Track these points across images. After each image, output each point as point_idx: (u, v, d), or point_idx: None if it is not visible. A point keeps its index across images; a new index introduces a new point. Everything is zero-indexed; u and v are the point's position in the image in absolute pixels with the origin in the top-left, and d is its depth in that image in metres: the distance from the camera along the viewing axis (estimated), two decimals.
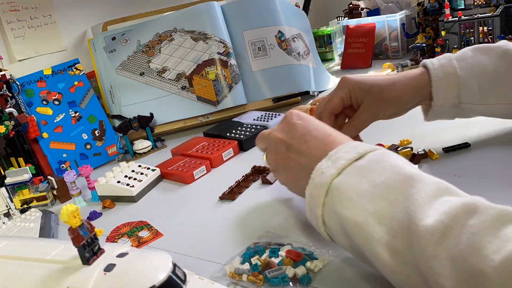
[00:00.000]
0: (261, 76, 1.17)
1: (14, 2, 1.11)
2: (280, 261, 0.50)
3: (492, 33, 1.21)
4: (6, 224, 0.76)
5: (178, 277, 0.38)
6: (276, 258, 0.51)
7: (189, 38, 1.15)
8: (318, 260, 0.50)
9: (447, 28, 1.25)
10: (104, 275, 0.37)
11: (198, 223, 0.67)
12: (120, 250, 0.40)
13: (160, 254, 0.39)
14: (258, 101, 1.16)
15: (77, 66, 1.06)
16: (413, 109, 0.69)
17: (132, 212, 0.77)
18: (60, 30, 1.22)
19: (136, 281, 0.36)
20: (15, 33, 1.12)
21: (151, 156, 1.03)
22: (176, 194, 0.80)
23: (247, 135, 0.95)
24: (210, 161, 0.88)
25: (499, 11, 1.20)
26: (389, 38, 1.46)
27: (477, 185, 0.59)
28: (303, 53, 1.24)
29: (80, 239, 0.38)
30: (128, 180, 0.83)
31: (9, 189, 0.83)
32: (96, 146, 1.04)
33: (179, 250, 0.60)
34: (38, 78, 1.01)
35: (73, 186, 0.83)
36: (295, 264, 0.50)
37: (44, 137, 0.98)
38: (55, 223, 0.76)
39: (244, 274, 0.49)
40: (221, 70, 1.13)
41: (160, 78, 1.14)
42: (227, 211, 0.69)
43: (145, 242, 0.65)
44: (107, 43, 1.17)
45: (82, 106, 1.04)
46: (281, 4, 1.23)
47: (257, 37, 1.18)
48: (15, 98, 0.96)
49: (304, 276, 0.48)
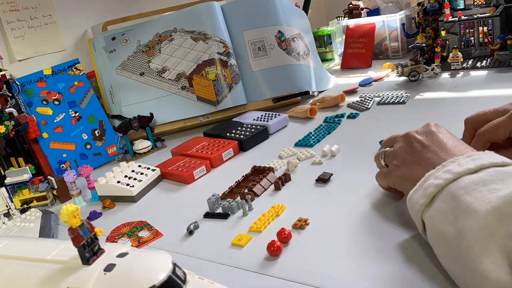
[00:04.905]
0: (261, 76, 1.17)
1: (14, 2, 1.11)
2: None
3: (492, 33, 1.21)
4: (6, 224, 0.76)
5: (178, 277, 0.38)
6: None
7: (189, 38, 1.15)
8: None
9: (447, 28, 1.25)
10: (104, 275, 0.37)
11: (198, 223, 0.67)
12: (120, 250, 0.40)
13: (160, 254, 0.39)
14: (258, 101, 1.16)
15: (77, 66, 1.06)
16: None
17: (132, 212, 0.77)
18: (60, 30, 1.22)
19: (136, 281, 0.36)
20: (15, 33, 1.12)
21: (151, 156, 1.03)
22: (176, 194, 0.81)
23: (247, 135, 0.95)
24: (210, 161, 0.88)
25: (499, 11, 1.20)
26: (389, 38, 1.47)
27: None
28: (303, 53, 1.24)
29: (80, 239, 0.38)
30: (128, 180, 0.83)
31: (9, 189, 0.83)
32: (96, 146, 1.04)
33: (179, 250, 0.60)
34: (38, 78, 1.01)
35: (73, 186, 0.83)
36: None
37: (44, 137, 0.98)
38: (55, 223, 0.76)
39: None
40: (221, 70, 1.13)
41: (160, 78, 1.14)
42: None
43: (145, 242, 0.65)
44: (107, 43, 1.17)
45: (82, 106, 1.04)
46: (281, 4, 1.23)
47: (257, 37, 1.18)
48: (15, 98, 0.96)
49: None
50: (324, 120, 1.01)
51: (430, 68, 1.16)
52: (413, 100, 1.03)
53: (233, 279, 0.52)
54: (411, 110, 0.97)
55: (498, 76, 1.07)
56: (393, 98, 1.05)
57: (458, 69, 1.17)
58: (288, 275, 0.50)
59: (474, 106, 0.63)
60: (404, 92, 1.08)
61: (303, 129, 0.99)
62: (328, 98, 1.10)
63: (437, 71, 1.16)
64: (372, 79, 1.25)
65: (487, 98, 0.94)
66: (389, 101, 1.04)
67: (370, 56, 1.44)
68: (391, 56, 1.48)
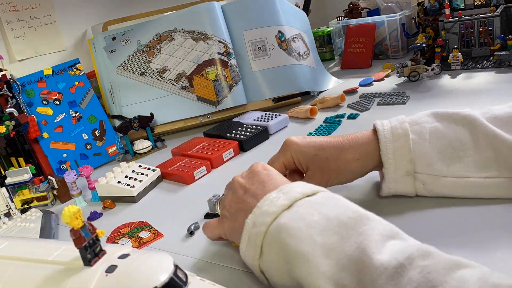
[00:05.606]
0: (261, 76, 1.17)
1: (14, 2, 1.11)
2: None
3: (492, 33, 1.21)
4: (7, 224, 0.76)
5: (179, 278, 0.38)
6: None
7: (189, 38, 1.15)
8: None
9: (447, 28, 1.25)
10: (105, 277, 0.37)
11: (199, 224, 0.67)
12: (122, 251, 0.40)
13: (161, 256, 0.39)
14: (258, 101, 1.16)
15: (77, 66, 1.06)
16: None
17: (133, 212, 0.77)
18: (60, 30, 1.22)
19: (137, 283, 0.36)
20: (15, 33, 1.12)
21: (151, 156, 1.03)
22: (176, 194, 0.81)
23: (247, 135, 0.95)
24: (210, 162, 0.88)
25: (499, 11, 1.20)
26: (389, 38, 1.47)
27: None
28: (303, 53, 1.24)
29: (82, 240, 0.38)
30: (128, 180, 0.83)
31: (9, 189, 0.83)
32: (96, 146, 1.04)
33: (179, 251, 0.60)
34: (38, 78, 1.01)
35: (73, 186, 0.83)
36: None
37: (44, 137, 0.98)
38: (56, 223, 0.76)
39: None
40: (221, 70, 1.13)
41: (160, 78, 1.14)
42: None
43: (145, 242, 0.65)
44: (107, 43, 1.17)
45: (83, 106, 1.04)
46: (281, 4, 1.23)
47: (257, 37, 1.18)
48: (16, 98, 0.96)
49: None
50: (324, 121, 1.01)
51: (430, 68, 1.16)
52: (413, 101, 1.03)
53: (234, 280, 0.52)
54: (411, 110, 0.97)
55: (498, 76, 1.07)
56: (393, 99, 1.05)
57: (458, 69, 1.17)
58: None
59: (474, 106, 0.63)
60: (405, 93, 1.08)
61: (303, 130, 0.99)
62: (328, 98, 1.10)
63: (437, 71, 1.16)
64: (372, 79, 1.25)
65: (487, 98, 0.94)
66: (389, 102, 1.04)
67: (370, 56, 1.44)
68: (391, 56, 1.48)
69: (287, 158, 0.61)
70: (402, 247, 0.37)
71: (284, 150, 0.62)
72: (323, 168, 0.59)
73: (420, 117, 0.60)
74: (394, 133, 0.58)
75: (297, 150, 0.60)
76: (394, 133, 0.58)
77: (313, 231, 0.41)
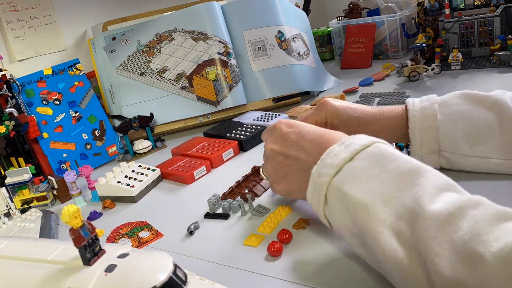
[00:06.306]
0: (261, 76, 1.17)
1: (14, 2, 1.11)
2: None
3: (492, 33, 1.21)
4: (7, 224, 0.76)
5: (179, 277, 0.38)
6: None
7: (189, 38, 1.15)
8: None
9: (447, 28, 1.25)
10: (105, 276, 0.37)
11: (198, 224, 0.67)
12: (121, 250, 0.40)
13: (161, 255, 0.39)
14: (258, 101, 1.16)
15: (77, 66, 1.06)
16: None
17: (132, 212, 0.77)
18: (60, 30, 1.22)
19: (137, 282, 0.36)
20: (15, 33, 1.12)
21: (151, 156, 1.03)
22: (176, 194, 0.81)
23: (247, 135, 0.95)
24: (210, 161, 0.88)
25: (499, 11, 1.20)
26: (389, 38, 1.47)
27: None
28: (303, 53, 1.24)
29: (81, 239, 0.38)
30: (128, 180, 0.83)
31: (9, 189, 0.83)
32: (96, 146, 1.04)
33: (179, 251, 0.60)
34: (38, 78, 1.01)
35: (73, 186, 0.83)
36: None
37: (44, 137, 0.98)
38: (56, 223, 0.76)
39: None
40: (221, 70, 1.13)
41: (160, 78, 1.14)
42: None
43: (145, 242, 0.65)
44: (107, 43, 1.17)
45: (82, 106, 1.04)
46: (281, 4, 1.23)
47: (257, 37, 1.18)
48: (16, 98, 0.96)
49: None
50: None
51: (430, 68, 1.16)
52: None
53: (233, 279, 0.52)
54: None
55: (498, 76, 1.07)
56: (393, 99, 1.05)
57: (458, 69, 1.17)
58: (288, 276, 0.50)
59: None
60: (405, 93, 1.08)
61: None
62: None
63: (437, 71, 1.16)
64: (372, 79, 1.25)
65: None
66: (389, 102, 1.04)
67: (370, 56, 1.44)
68: (391, 56, 1.48)
69: (321, 118, 0.65)
70: (454, 198, 0.39)
71: (320, 109, 0.65)
72: (352, 133, 0.61)
73: (450, 98, 0.62)
74: (423, 113, 0.61)
75: (334, 112, 0.64)
76: (424, 113, 0.61)
77: (373, 183, 0.44)
